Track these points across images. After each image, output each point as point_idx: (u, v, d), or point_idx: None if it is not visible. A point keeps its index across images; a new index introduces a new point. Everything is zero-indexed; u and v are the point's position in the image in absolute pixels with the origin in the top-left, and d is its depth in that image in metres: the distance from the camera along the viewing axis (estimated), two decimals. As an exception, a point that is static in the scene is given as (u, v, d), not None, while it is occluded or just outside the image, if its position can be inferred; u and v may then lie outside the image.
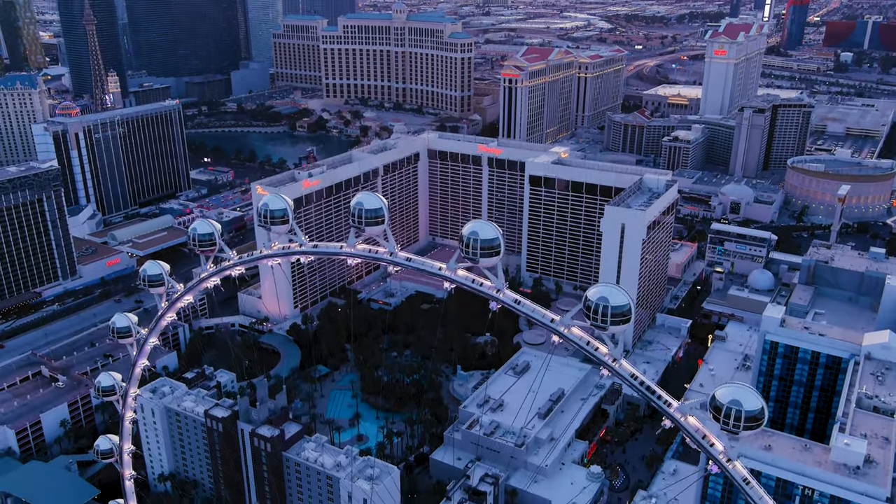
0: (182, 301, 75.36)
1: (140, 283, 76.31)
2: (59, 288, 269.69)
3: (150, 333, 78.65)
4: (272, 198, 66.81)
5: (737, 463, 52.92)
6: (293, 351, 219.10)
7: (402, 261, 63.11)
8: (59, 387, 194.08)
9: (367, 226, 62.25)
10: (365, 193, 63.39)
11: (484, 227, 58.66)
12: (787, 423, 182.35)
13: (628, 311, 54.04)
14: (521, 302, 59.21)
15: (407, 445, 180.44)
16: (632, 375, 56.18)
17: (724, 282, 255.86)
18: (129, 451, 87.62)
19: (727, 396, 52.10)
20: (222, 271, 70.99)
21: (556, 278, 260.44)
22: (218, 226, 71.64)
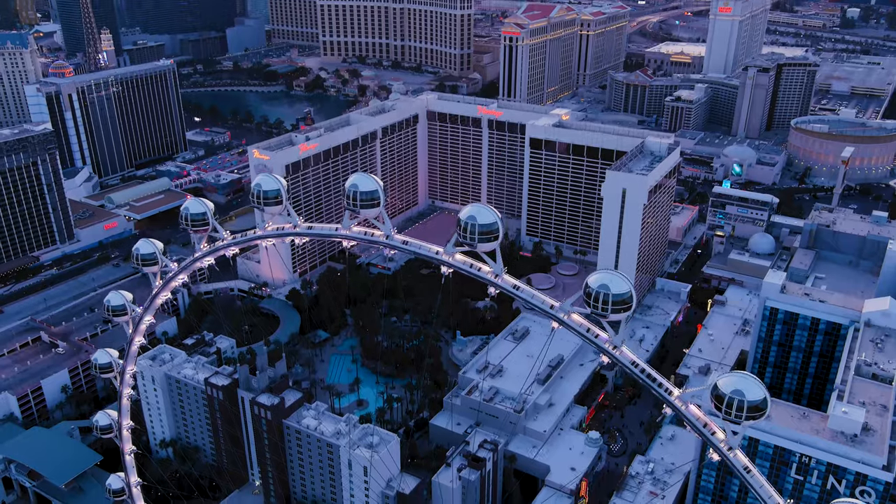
0: (176, 280, 74.10)
1: (133, 262, 75.00)
2: (58, 252, 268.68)
3: (144, 312, 77.67)
4: (265, 178, 65.09)
5: (738, 451, 52.38)
6: (292, 316, 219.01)
7: (399, 244, 61.76)
8: (59, 352, 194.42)
9: (362, 208, 60.62)
10: (360, 175, 61.61)
11: (482, 212, 57.04)
12: (786, 388, 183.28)
13: (629, 299, 52.82)
14: (521, 288, 57.89)
15: (407, 410, 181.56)
16: (632, 363, 55.35)
17: (725, 245, 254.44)
18: (129, 426, 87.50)
19: (730, 386, 51.26)
20: (216, 251, 69.59)
21: (556, 242, 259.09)
22: (210, 205, 70.00)
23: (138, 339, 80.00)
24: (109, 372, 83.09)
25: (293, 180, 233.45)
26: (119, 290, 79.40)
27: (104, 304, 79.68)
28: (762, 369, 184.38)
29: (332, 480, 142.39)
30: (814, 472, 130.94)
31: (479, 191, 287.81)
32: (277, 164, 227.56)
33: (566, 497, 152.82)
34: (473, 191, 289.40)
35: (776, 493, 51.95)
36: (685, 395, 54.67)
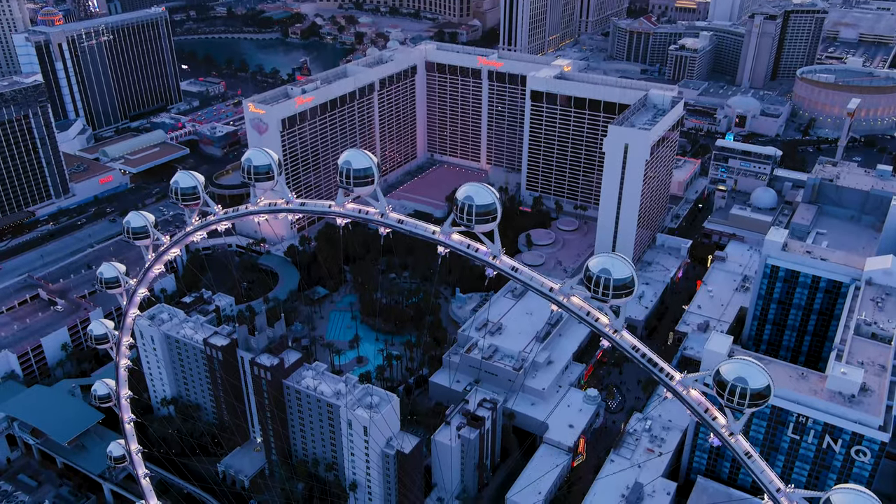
0: (169, 254, 72.52)
1: (124, 235, 73.26)
2: (53, 207, 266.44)
3: (138, 285, 76.35)
4: (256, 153, 62.68)
5: (739, 437, 51.65)
6: (291, 273, 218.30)
7: (394, 223, 59.76)
8: (57, 310, 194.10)
9: (356, 186, 58.49)
10: (353, 151, 59.23)
11: (480, 192, 54.87)
12: (784, 345, 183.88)
13: (631, 284, 51.21)
14: (519, 269, 56.26)
15: (406, 368, 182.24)
16: (633, 347, 54.14)
17: (727, 200, 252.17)
18: (127, 396, 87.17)
19: (732, 373, 50.11)
20: (207, 226, 67.72)
21: (556, 197, 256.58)
22: (201, 178, 67.81)
23: (133, 312, 78.91)
24: (105, 343, 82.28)
25: (289, 135, 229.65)
26: (111, 262, 77.87)
27: (97, 277, 78.27)
28: (761, 326, 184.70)
29: (332, 439, 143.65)
30: (810, 431, 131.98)
31: (478, 144, 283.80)
32: (273, 119, 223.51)
33: (564, 454, 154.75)
34: (473, 144, 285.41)
35: (777, 477, 51.48)
36: (686, 379, 53.66)
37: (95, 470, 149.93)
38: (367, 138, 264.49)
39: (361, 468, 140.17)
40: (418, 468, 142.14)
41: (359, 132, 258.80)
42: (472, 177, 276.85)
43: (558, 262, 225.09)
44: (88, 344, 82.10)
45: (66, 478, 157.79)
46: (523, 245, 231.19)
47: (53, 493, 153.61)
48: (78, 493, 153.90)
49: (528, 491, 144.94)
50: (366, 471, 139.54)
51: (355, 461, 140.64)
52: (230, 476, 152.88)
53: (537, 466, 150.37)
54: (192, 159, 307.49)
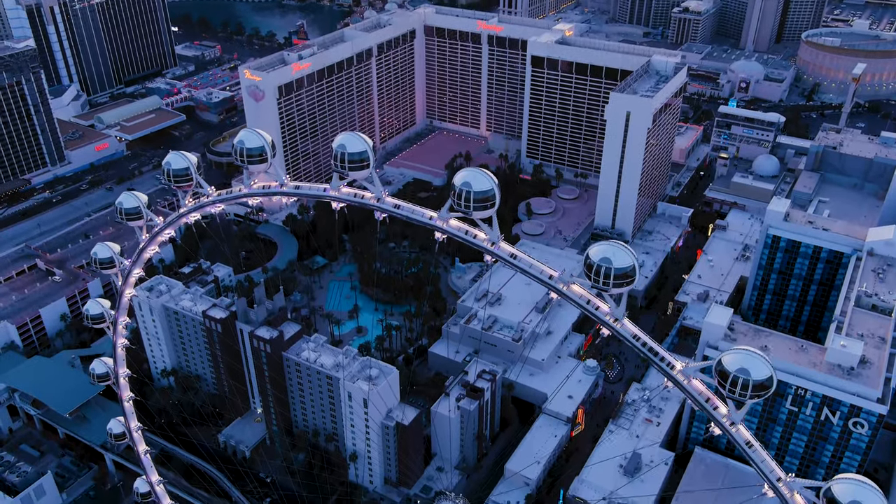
0: (163, 235, 71.26)
1: (117, 216, 71.90)
2: (49, 175, 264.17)
3: (133, 265, 75.17)
4: (248, 134, 60.87)
5: (740, 426, 51.08)
6: (290, 242, 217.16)
7: (390, 208, 58.30)
8: (55, 280, 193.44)
9: (351, 170, 56.94)
10: (348, 135, 57.50)
11: (478, 178, 53.27)
12: (783, 314, 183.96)
13: (632, 273, 49.96)
14: (518, 257, 55.06)
15: (406, 338, 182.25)
16: (634, 336, 53.21)
17: (729, 168, 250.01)
18: (125, 375, 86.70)
19: (735, 364, 49.16)
20: (201, 208, 66.29)
21: (556, 165, 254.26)
22: (193, 159, 66.06)
23: (129, 292, 77.87)
24: (101, 322, 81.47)
25: (286, 102, 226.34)
26: (105, 243, 76.56)
27: (91, 257, 77.07)
28: (761, 296, 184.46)
29: (332, 411, 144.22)
30: (809, 403, 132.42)
31: (478, 111, 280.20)
32: (269, 86, 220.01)
33: (563, 424, 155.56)
34: (473, 110, 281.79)
35: (777, 466, 51.07)
36: (688, 369, 52.92)
37: (97, 440, 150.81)
38: (366, 105, 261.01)
39: (361, 439, 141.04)
40: (418, 439, 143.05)
41: (357, 99, 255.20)
42: (471, 143, 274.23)
43: (558, 231, 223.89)
44: (85, 324, 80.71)
45: (67, 448, 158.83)
46: (523, 214, 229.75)
47: (56, 463, 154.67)
48: (80, 463, 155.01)
49: (526, 461, 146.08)
50: (366, 442, 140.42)
51: (355, 432, 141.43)
52: (231, 446, 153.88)
53: (536, 436, 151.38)
54: (189, 126, 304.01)
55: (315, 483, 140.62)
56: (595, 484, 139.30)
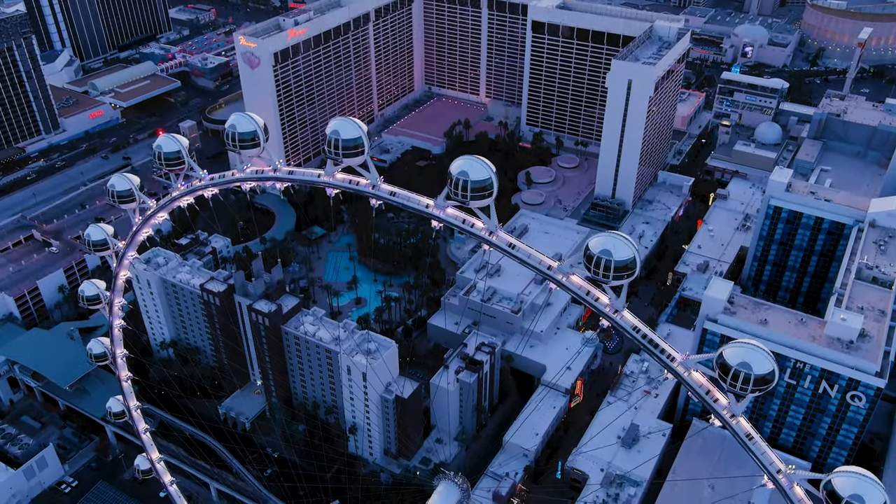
0: (156, 218, 70.04)
1: (109, 199, 70.58)
2: (43, 143, 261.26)
3: (127, 247, 74.13)
4: (240, 119, 59.18)
5: (741, 419, 50.59)
6: (288, 212, 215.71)
7: (386, 195, 56.99)
8: (52, 251, 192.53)
9: (345, 157, 55.46)
10: (341, 120, 55.80)
11: (475, 166, 51.78)
12: (783, 286, 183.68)
13: (633, 265, 49.02)
14: (516, 246, 53.96)
15: (405, 309, 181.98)
16: (634, 328, 52.43)
17: (731, 135, 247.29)
18: (123, 354, 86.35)
19: (736, 358, 48.46)
20: (193, 192, 64.96)
21: (556, 133, 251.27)
22: (185, 141, 64.39)
23: (123, 274, 77.02)
24: (97, 304, 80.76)
25: (282, 69, 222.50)
26: (99, 224, 75.40)
27: (84, 239, 75.95)
28: (761, 267, 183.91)
29: (331, 384, 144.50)
30: (807, 377, 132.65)
31: (477, 77, 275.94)
32: (265, 52, 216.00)
33: (562, 395, 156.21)
34: (472, 77, 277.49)
35: (777, 458, 50.73)
36: (688, 361, 52.24)
37: (97, 413, 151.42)
38: (363, 72, 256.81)
39: (361, 412, 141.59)
40: (417, 412, 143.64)
41: (354, 65, 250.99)
42: (470, 111, 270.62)
43: (558, 200, 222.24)
44: (81, 305, 79.87)
45: (68, 419, 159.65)
46: (523, 183, 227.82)
47: (57, 435, 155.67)
48: (81, 435, 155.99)
49: (525, 432, 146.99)
50: (365, 415, 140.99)
51: (354, 405, 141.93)
52: (231, 418, 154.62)
53: (535, 408, 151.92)
54: (184, 92, 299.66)
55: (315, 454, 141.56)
56: (593, 455, 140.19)
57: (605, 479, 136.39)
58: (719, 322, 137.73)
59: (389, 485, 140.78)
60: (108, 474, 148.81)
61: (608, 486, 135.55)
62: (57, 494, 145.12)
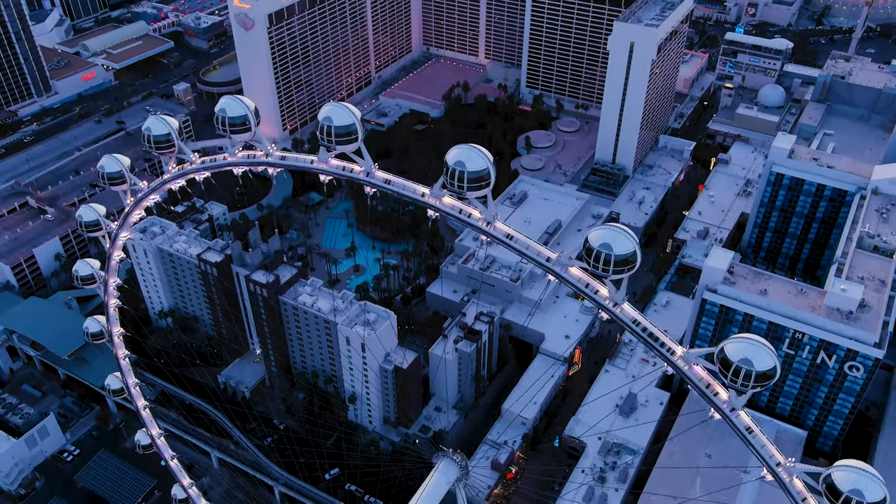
0: (148, 200, 68.62)
1: (100, 181, 68.98)
2: (36, 106, 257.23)
3: (119, 228, 72.90)
4: (230, 102, 57.16)
5: (741, 413, 50.13)
6: (285, 178, 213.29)
7: (381, 183, 55.47)
8: (48, 219, 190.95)
9: (338, 144, 53.77)
10: (334, 106, 53.86)
11: (471, 156, 50.16)
12: (783, 252, 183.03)
13: (633, 258, 47.85)
14: (514, 238, 52.69)
15: (403, 277, 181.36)
16: (634, 321, 51.57)
17: (733, 98, 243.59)
18: (119, 333, 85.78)
19: (738, 353, 47.69)
20: (185, 175, 63.37)
21: (557, 95, 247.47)
22: (175, 123, 62.55)
23: (117, 254, 75.94)
24: (92, 283, 79.77)
25: (277, 31, 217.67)
26: (91, 205, 73.93)
27: (77, 219, 74.64)
28: (761, 234, 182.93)
29: (330, 354, 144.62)
30: (805, 347, 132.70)
31: (476, 37, 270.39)
32: (259, 14, 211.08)
33: (560, 364, 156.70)
34: (471, 37, 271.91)
35: (777, 451, 50.46)
36: (688, 355, 51.56)
37: (97, 382, 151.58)
38: (360, 32, 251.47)
39: (360, 382, 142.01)
40: (416, 382, 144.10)
41: (350, 26, 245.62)
42: (469, 72, 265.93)
43: (558, 165, 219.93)
44: (76, 285, 78.32)
45: (69, 388, 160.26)
46: (522, 148, 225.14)
47: (58, 404, 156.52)
48: (82, 404, 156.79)
49: (523, 401, 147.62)
50: (364, 384, 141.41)
51: (354, 375, 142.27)
52: (231, 387, 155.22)
53: (533, 376, 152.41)
54: (178, 53, 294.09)
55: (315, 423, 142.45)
56: (591, 423, 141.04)
57: (603, 448, 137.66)
58: (719, 292, 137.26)
59: (389, 453, 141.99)
60: (109, 443, 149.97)
61: (605, 455, 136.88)
62: (59, 463, 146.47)
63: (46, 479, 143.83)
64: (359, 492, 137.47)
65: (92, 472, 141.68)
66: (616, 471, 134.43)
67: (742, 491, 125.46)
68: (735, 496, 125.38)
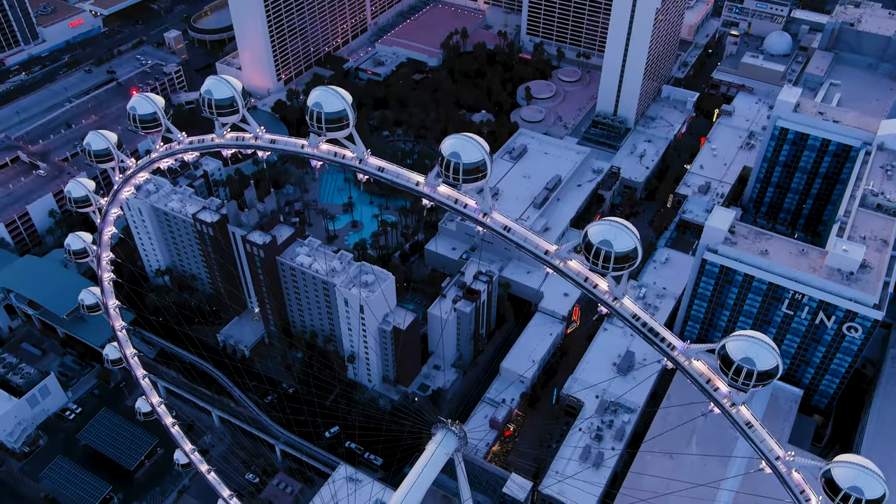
0: (137, 178, 66.64)
1: (86, 158, 66.85)
2: (23, 54, 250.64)
3: (109, 205, 71.12)
4: (216, 83, 54.42)
5: (741, 408, 49.55)
6: (280, 130, 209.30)
7: (374, 170, 53.41)
8: (40, 174, 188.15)
9: (328, 131, 51.59)
10: (324, 91, 51.34)
11: (467, 148, 47.88)
12: (785, 207, 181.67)
13: (634, 254, 46.39)
14: (512, 229, 51.05)
15: (401, 234, 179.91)
16: (634, 316, 50.43)
17: (739, 45, 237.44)
18: (116, 305, 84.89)
19: (740, 352, 46.65)
20: (173, 154, 61.15)
21: (558, 43, 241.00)
22: (160, 101, 59.96)
23: (109, 230, 74.38)
24: (85, 257, 78.42)
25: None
26: (79, 180, 71.89)
27: (66, 195, 72.80)
28: (763, 189, 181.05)
29: (329, 315, 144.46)
30: (805, 307, 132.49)
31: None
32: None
33: (559, 322, 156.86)
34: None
35: (776, 444, 50.11)
36: (689, 350, 50.69)
37: (96, 342, 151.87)
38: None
39: (359, 342, 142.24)
40: (415, 341, 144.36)
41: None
42: (468, 18, 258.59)
43: (558, 117, 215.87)
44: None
45: (68, 346, 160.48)
46: (522, 99, 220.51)
47: (58, 362, 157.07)
48: (82, 362, 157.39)
49: (521, 359, 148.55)
50: (363, 345, 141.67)
51: (353, 336, 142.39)
52: (230, 346, 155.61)
53: (532, 335, 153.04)
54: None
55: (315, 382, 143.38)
56: (588, 382, 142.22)
57: (600, 406, 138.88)
58: (719, 252, 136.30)
59: (388, 411, 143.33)
60: (110, 401, 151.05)
61: (603, 413, 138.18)
62: (62, 421, 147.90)
63: (49, 438, 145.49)
64: (359, 449, 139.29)
65: (94, 430, 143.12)
66: (613, 429, 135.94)
67: (737, 448, 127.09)
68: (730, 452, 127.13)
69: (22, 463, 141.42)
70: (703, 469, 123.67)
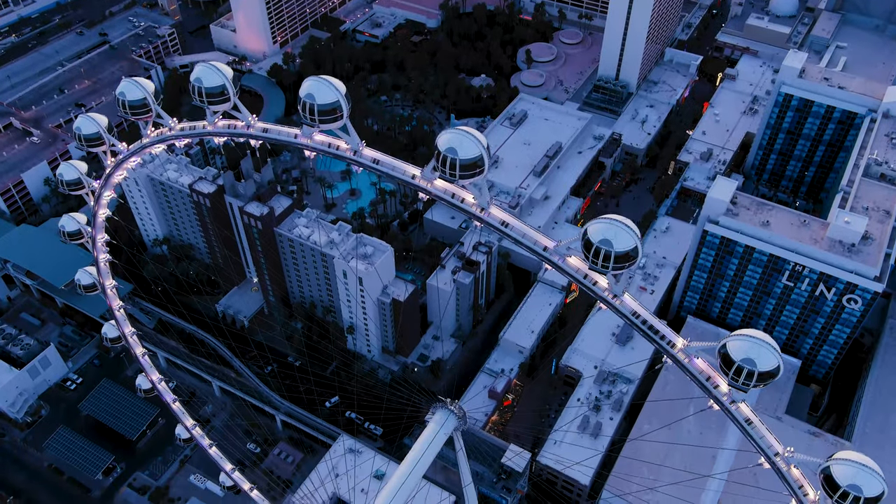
0: (129, 162, 65.15)
1: (75, 142, 65.18)
2: (13, 16, 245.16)
3: (102, 187, 69.75)
4: (206, 71, 52.48)
5: (741, 405, 49.20)
6: (276, 94, 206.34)
7: (368, 162, 51.90)
8: (34, 142, 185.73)
9: (321, 122, 50.03)
10: (316, 81, 49.50)
11: (464, 143, 46.28)
12: (787, 175, 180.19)
13: (634, 253, 45.35)
14: (510, 225, 49.89)
15: (400, 202, 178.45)
16: (633, 314, 49.68)
17: (744, 6, 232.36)
18: (113, 286, 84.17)
19: (740, 352, 45.97)
20: (165, 140, 59.55)
21: (559, 4, 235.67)
22: (150, 86, 58.11)
23: (102, 213, 73.14)
24: (80, 238, 77.39)
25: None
26: (71, 162, 70.39)
27: (57, 177, 71.39)
28: (766, 156, 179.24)
29: (328, 286, 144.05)
30: (805, 279, 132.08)
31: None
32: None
33: (558, 292, 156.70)
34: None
35: (776, 440, 49.92)
36: (689, 348, 50.09)
37: (95, 313, 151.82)
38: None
39: (358, 314, 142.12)
40: (414, 313, 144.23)
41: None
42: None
43: (559, 81, 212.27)
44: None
45: (68, 316, 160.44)
46: (522, 62, 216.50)
47: (58, 332, 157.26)
48: (82, 333, 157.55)
49: (520, 329, 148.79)
50: (362, 316, 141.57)
51: (352, 307, 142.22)
52: (230, 316, 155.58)
53: (531, 305, 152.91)
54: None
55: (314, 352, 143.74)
56: (587, 353, 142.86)
57: (599, 376, 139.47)
58: (721, 224, 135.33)
59: (388, 381, 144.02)
60: (111, 371, 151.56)
61: (601, 383, 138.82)
62: (63, 391, 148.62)
63: (51, 408, 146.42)
64: (359, 419, 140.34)
65: (95, 400, 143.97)
66: (611, 399, 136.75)
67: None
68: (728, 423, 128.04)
69: (25, 433, 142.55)
70: (699, 438, 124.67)
